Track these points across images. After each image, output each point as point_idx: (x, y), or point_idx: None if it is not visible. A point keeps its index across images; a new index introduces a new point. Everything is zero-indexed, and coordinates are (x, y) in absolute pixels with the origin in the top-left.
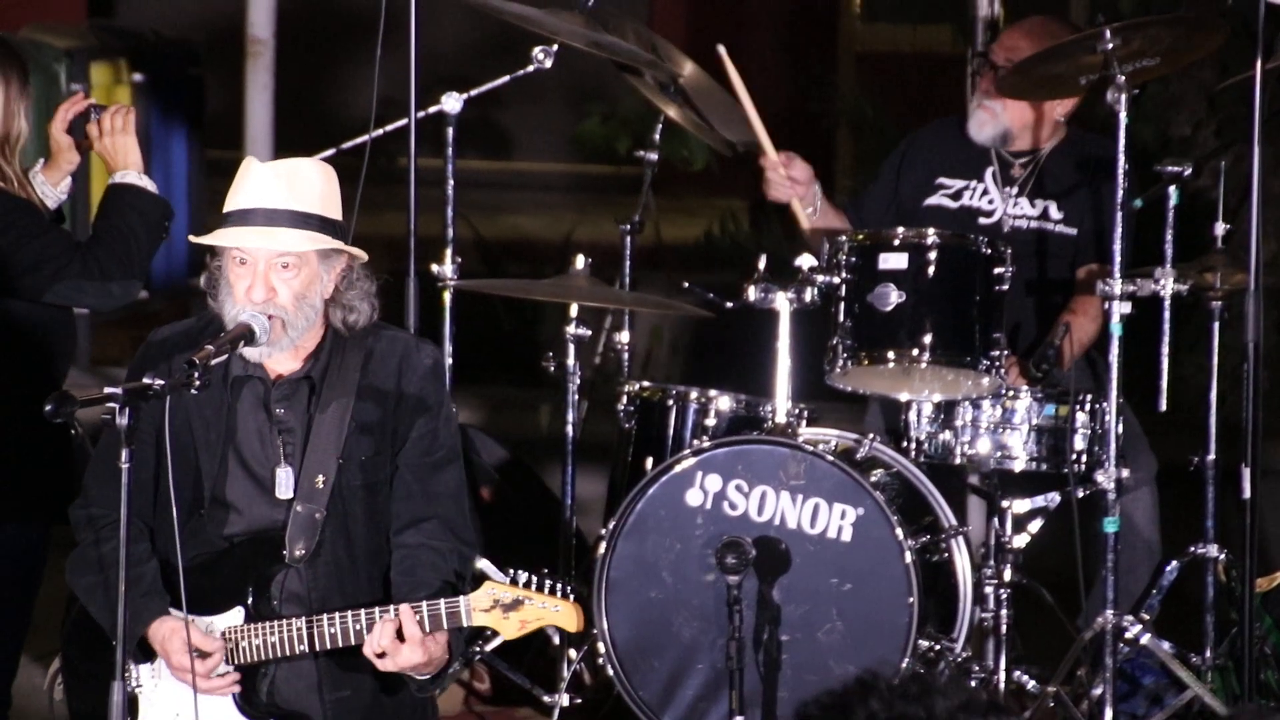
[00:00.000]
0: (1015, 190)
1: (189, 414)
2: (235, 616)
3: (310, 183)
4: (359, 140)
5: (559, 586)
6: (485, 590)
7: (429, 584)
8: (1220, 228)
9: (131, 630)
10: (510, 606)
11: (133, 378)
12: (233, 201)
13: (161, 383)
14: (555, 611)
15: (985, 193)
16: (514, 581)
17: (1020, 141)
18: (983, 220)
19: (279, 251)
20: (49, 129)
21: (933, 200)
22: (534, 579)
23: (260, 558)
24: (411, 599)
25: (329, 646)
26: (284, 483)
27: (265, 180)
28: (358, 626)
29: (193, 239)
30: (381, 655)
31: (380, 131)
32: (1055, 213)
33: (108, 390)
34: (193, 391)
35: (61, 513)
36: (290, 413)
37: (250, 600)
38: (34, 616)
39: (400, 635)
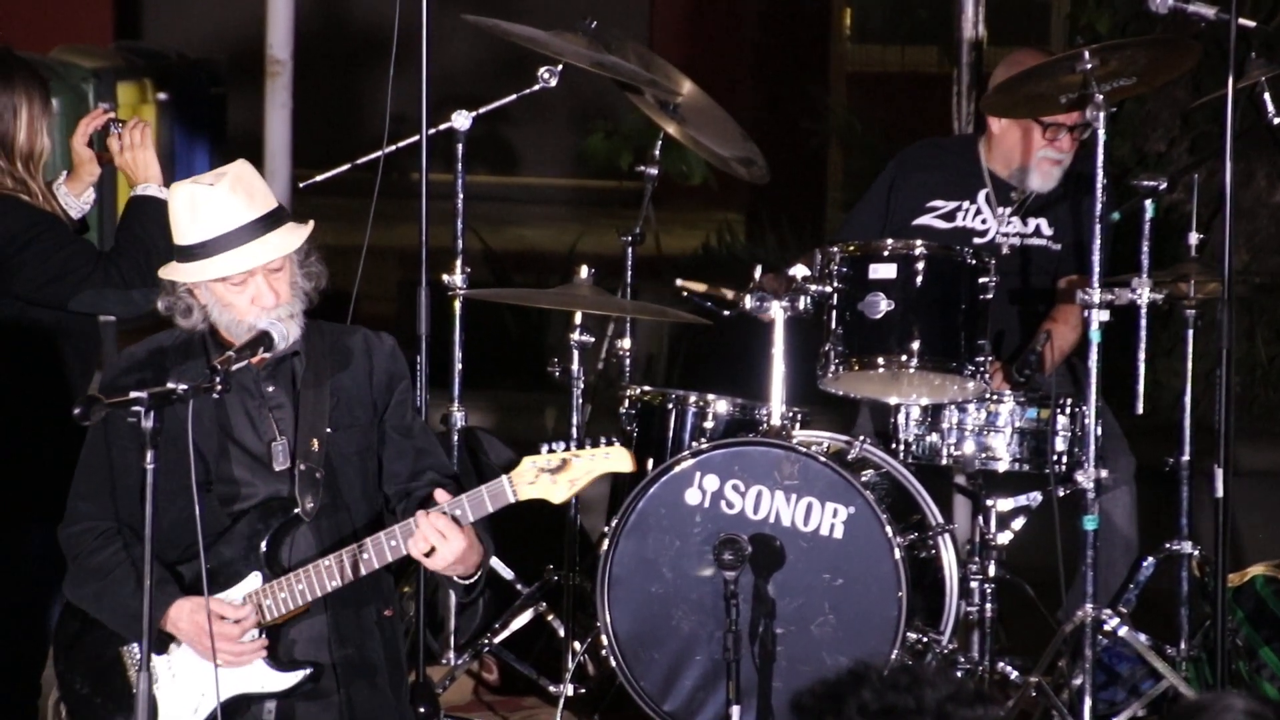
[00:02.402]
0: (1010, 211)
1: (175, 409)
2: (253, 581)
3: (255, 183)
4: (373, 156)
5: (601, 439)
6: (526, 464)
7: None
8: (1194, 237)
9: (152, 618)
10: (557, 469)
11: (106, 395)
12: (194, 231)
13: (185, 387)
14: (606, 458)
15: (979, 213)
16: (552, 451)
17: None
18: (977, 240)
19: (273, 259)
20: (71, 142)
21: (924, 220)
22: (572, 443)
23: (269, 521)
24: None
25: (364, 572)
26: (280, 454)
27: (223, 201)
28: (393, 542)
29: (176, 277)
30: (430, 553)
31: (393, 148)
32: (1047, 229)
33: (133, 394)
34: (214, 396)
35: None
36: (279, 389)
37: (264, 562)
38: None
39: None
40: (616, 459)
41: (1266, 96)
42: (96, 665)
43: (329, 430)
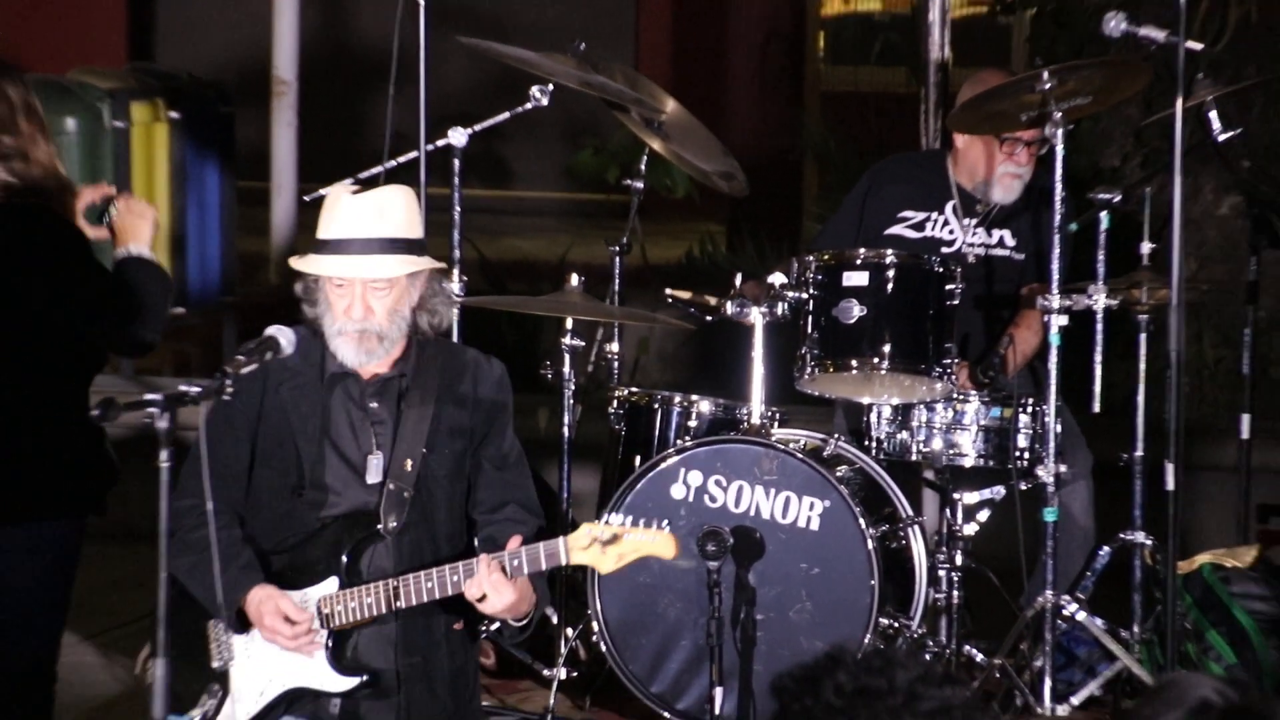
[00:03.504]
0: (975, 222)
1: (285, 407)
2: (330, 586)
3: (397, 208)
4: (374, 171)
5: (653, 522)
6: (583, 530)
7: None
8: (1146, 247)
9: (230, 598)
10: (609, 542)
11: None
12: (328, 229)
13: (198, 389)
14: (653, 541)
15: (946, 224)
16: (608, 524)
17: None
18: (944, 250)
19: (370, 277)
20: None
21: (895, 230)
22: (626, 520)
23: (353, 532)
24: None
25: (425, 599)
26: (375, 468)
27: (358, 210)
28: (455, 578)
29: (295, 265)
30: (482, 599)
31: (393, 163)
32: (1010, 240)
33: (147, 396)
34: (224, 398)
35: (95, 507)
36: (383, 406)
37: (343, 571)
38: (72, 602)
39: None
40: (662, 544)
41: (1213, 115)
42: (185, 635)
43: (424, 451)
